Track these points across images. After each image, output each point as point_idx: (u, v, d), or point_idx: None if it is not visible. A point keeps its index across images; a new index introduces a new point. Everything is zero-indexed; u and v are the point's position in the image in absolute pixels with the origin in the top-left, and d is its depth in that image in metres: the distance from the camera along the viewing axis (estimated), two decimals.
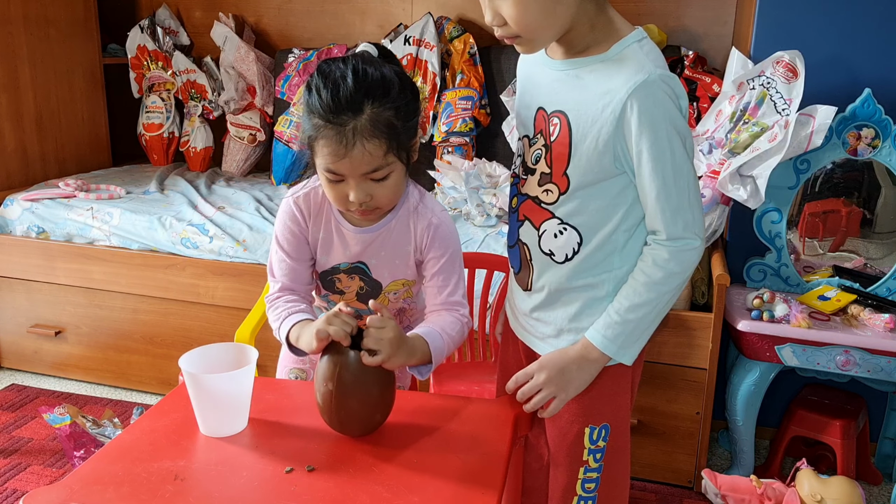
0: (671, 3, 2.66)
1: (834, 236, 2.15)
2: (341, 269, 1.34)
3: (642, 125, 1.02)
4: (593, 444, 1.20)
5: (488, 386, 1.81)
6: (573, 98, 1.08)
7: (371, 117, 1.13)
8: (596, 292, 1.15)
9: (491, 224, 2.31)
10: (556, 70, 1.11)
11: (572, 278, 1.15)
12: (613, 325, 1.12)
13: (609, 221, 1.11)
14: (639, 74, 1.01)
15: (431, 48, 2.76)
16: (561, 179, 1.10)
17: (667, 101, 1.02)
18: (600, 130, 1.05)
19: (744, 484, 1.86)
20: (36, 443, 2.27)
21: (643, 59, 1.04)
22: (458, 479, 1.04)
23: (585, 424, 1.19)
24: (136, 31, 3.19)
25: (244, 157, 3.15)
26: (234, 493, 1.01)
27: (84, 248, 2.52)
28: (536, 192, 1.15)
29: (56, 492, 1.00)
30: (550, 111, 1.11)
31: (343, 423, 1.12)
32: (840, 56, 2.05)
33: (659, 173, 1.04)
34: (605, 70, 1.05)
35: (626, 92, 1.01)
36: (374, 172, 1.17)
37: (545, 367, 1.15)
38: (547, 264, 1.16)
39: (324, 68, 1.16)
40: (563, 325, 1.17)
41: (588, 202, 1.10)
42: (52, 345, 2.66)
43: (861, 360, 1.86)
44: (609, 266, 1.14)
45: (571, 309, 1.16)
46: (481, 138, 2.80)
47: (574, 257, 1.13)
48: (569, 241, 1.13)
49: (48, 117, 2.97)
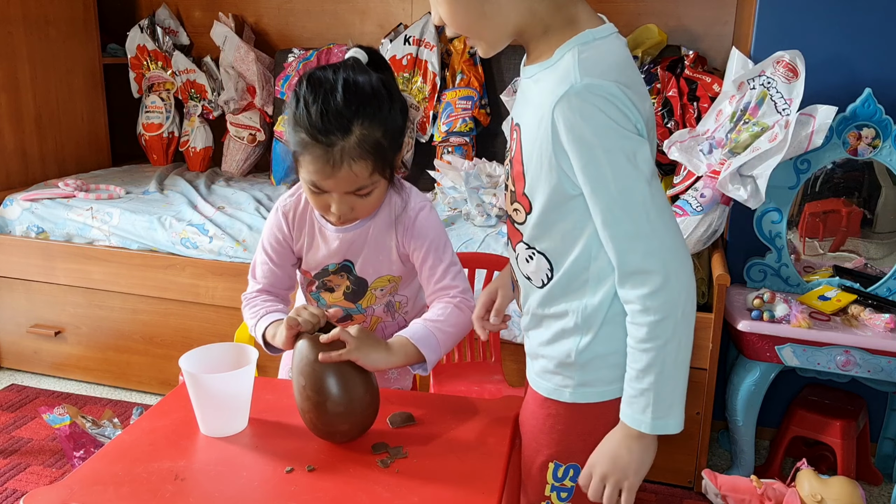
0: (671, 3, 2.66)
1: (834, 236, 2.15)
2: (330, 270, 1.35)
3: (572, 143, 0.91)
4: (558, 481, 1.10)
5: (488, 386, 1.81)
6: (525, 110, 0.99)
7: (359, 138, 1.11)
8: (564, 323, 1.03)
9: (491, 224, 2.31)
10: (524, 78, 1.01)
11: (544, 305, 1.05)
12: (635, 399, 0.97)
13: (575, 247, 0.99)
14: (561, 86, 0.90)
15: (431, 48, 2.76)
16: (523, 199, 1.01)
17: (597, 114, 0.88)
18: (542, 148, 0.94)
19: (744, 484, 1.86)
20: (35, 443, 2.26)
21: (572, 66, 0.90)
22: (459, 479, 1.04)
23: (550, 459, 1.09)
24: (135, 31, 3.19)
25: (244, 157, 3.15)
26: (234, 493, 1.01)
27: (84, 248, 2.52)
28: (510, 209, 1.06)
29: (56, 492, 1.00)
30: (514, 123, 1.02)
31: (320, 423, 1.10)
32: (840, 56, 2.05)
33: (601, 197, 0.92)
34: (546, 79, 0.94)
35: (550, 106, 0.90)
36: (358, 190, 1.17)
37: (597, 462, 1.01)
38: (528, 288, 1.08)
39: (312, 78, 1.13)
40: (538, 350, 1.09)
41: (551, 225, 0.99)
42: (52, 345, 2.66)
43: (861, 361, 1.85)
44: (580, 296, 1.01)
45: (546, 334, 1.06)
46: (481, 138, 2.80)
47: (548, 283, 1.03)
48: (539, 266, 1.03)
49: (48, 117, 2.97)
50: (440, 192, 2.54)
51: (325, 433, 1.11)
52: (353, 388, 1.09)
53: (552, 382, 1.07)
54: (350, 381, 1.09)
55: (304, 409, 1.10)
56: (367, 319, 1.41)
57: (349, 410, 1.09)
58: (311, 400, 1.08)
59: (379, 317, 1.42)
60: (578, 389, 1.05)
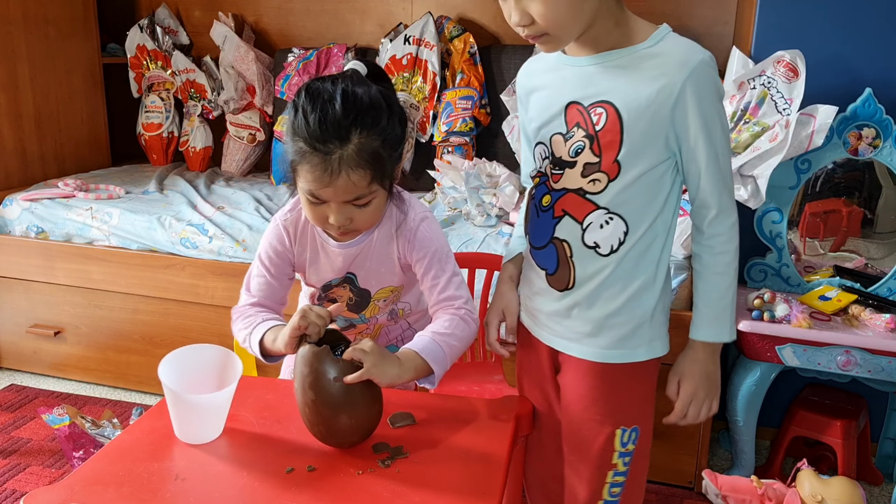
0: (671, 3, 2.66)
1: (835, 236, 2.15)
2: (333, 284, 1.35)
3: (700, 105, 1.06)
4: (623, 446, 1.20)
5: (488, 386, 1.81)
6: (618, 86, 1.10)
7: (358, 147, 1.11)
8: (641, 281, 1.15)
9: (491, 224, 2.31)
10: (588, 65, 1.13)
11: (618, 270, 1.15)
12: (719, 316, 1.16)
13: (652, 209, 1.13)
14: (694, 56, 1.07)
15: (431, 48, 2.76)
16: (612, 167, 1.11)
17: (717, 81, 1.09)
18: (654, 114, 1.07)
19: (744, 484, 1.86)
20: (35, 443, 2.26)
21: (689, 44, 1.09)
22: (459, 480, 1.04)
23: (617, 426, 1.19)
24: (135, 31, 3.19)
25: (244, 157, 3.15)
26: (234, 493, 1.01)
27: (83, 248, 2.51)
28: (580, 183, 1.14)
29: (57, 492, 1.00)
30: (589, 103, 1.12)
31: (329, 434, 1.10)
32: (841, 56, 2.05)
33: (713, 149, 1.09)
34: (651, 57, 1.09)
35: (686, 73, 1.05)
36: (356, 200, 1.17)
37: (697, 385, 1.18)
38: (590, 259, 1.15)
39: (311, 88, 1.13)
40: (605, 321, 1.17)
41: (635, 189, 1.11)
42: (52, 345, 2.65)
43: (862, 361, 1.85)
44: (654, 256, 1.15)
45: (616, 303, 1.16)
46: (481, 138, 2.79)
47: (619, 248, 1.13)
48: (615, 230, 1.13)
49: (47, 117, 2.96)
50: (440, 191, 2.54)
51: (334, 443, 1.11)
52: (366, 404, 1.09)
53: (625, 349, 1.18)
54: (363, 397, 1.09)
55: (314, 422, 1.09)
56: (370, 328, 1.41)
57: (360, 424, 1.10)
58: (322, 415, 1.08)
59: (382, 324, 1.42)
60: (651, 344, 1.19)
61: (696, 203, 1.15)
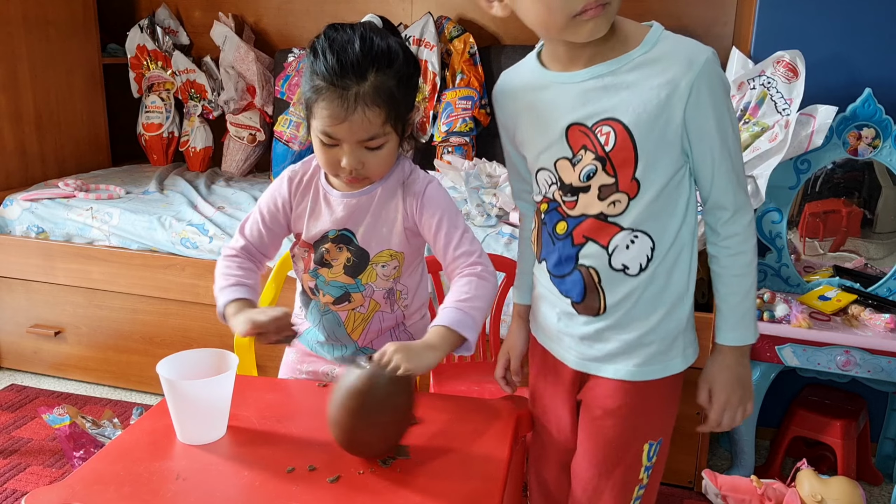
0: (671, 3, 2.66)
1: (834, 236, 2.15)
2: (329, 237, 1.33)
3: (712, 103, 1.03)
4: (649, 460, 1.18)
5: (488, 386, 1.80)
6: (622, 101, 1.04)
7: (374, 84, 1.14)
8: (674, 294, 1.11)
9: (491, 224, 2.31)
10: (582, 81, 1.06)
11: (651, 288, 1.10)
12: (743, 318, 1.12)
13: (675, 218, 1.09)
14: (699, 54, 1.02)
15: (431, 48, 2.76)
16: (630, 185, 1.06)
17: (724, 76, 1.05)
18: (667, 121, 1.03)
19: (744, 484, 1.86)
20: (35, 443, 2.26)
21: (689, 42, 1.05)
22: (459, 480, 1.04)
23: (645, 441, 1.17)
24: (135, 31, 3.19)
25: (244, 157, 3.15)
26: (235, 493, 1.01)
27: (83, 248, 2.52)
28: (599, 207, 1.08)
29: (57, 492, 1.00)
30: (593, 123, 1.06)
31: (360, 446, 1.09)
32: (840, 56, 2.05)
33: (727, 147, 1.06)
34: (651, 64, 1.03)
35: (695, 74, 1.01)
36: (370, 140, 1.18)
37: (731, 392, 1.14)
38: (620, 281, 1.10)
39: (330, 33, 1.17)
40: (639, 341, 1.12)
41: (656, 202, 1.07)
42: (52, 345, 2.65)
43: (861, 361, 1.85)
44: (684, 265, 1.12)
45: (650, 321, 1.11)
46: (481, 138, 2.80)
47: (648, 265, 1.09)
48: (642, 248, 1.08)
49: (47, 117, 2.97)
50: None
51: (366, 454, 1.10)
52: (405, 414, 1.10)
53: (660, 363, 1.14)
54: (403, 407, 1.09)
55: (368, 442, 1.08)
56: (365, 302, 1.37)
57: (397, 431, 1.10)
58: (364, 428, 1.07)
59: (378, 303, 1.38)
60: (686, 352, 1.16)
61: (710, 203, 1.10)
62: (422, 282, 1.42)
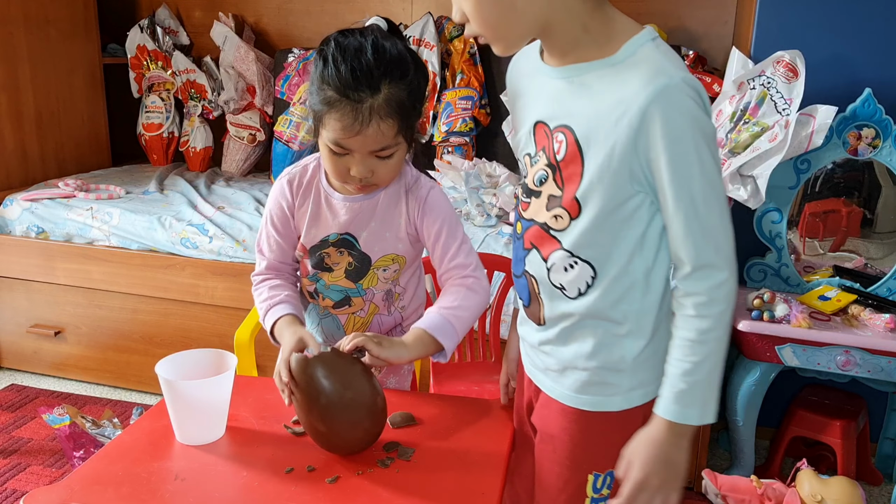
0: (671, 3, 2.66)
1: (834, 236, 2.15)
2: (330, 241, 1.32)
3: (666, 137, 0.88)
4: (597, 492, 1.07)
5: (488, 386, 1.81)
6: (580, 109, 0.94)
7: (387, 97, 1.13)
8: (616, 330, 1.01)
9: (491, 224, 2.31)
10: (556, 78, 0.98)
11: (587, 315, 1.01)
12: (684, 394, 0.95)
13: (624, 251, 0.97)
14: (659, 78, 0.88)
15: (431, 48, 2.76)
16: (572, 204, 0.96)
17: (693, 108, 0.88)
18: (614, 146, 0.91)
19: (744, 484, 1.86)
20: (35, 443, 2.26)
21: (661, 60, 0.90)
22: (459, 479, 1.04)
23: (589, 472, 1.06)
24: (135, 31, 3.19)
25: (244, 157, 3.15)
26: (234, 493, 1.01)
27: (84, 248, 2.52)
28: (545, 217, 1.00)
29: (57, 492, 1.00)
30: (553, 126, 0.98)
31: (332, 444, 1.10)
32: (840, 56, 2.05)
33: (686, 192, 0.90)
34: (616, 75, 0.91)
35: (646, 99, 0.87)
36: (381, 150, 1.18)
37: (651, 472, 0.96)
38: (558, 299, 1.02)
39: (341, 40, 1.15)
40: (573, 363, 1.04)
41: (599, 230, 0.96)
42: (52, 345, 2.66)
43: (861, 361, 1.85)
44: (631, 301, 0.99)
45: (585, 346, 1.02)
46: (481, 138, 2.80)
47: (588, 291, 0.99)
48: (580, 275, 0.99)
49: (48, 117, 2.97)
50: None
51: (343, 451, 1.11)
52: (374, 410, 1.09)
53: (597, 395, 1.04)
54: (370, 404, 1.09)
55: (320, 432, 1.09)
56: (365, 305, 1.38)
57: (370, 430, 1.09)
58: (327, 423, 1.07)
59: (377, 306, 1.39)
60: (630, 393, 1.03)
61: (671, 252, 0.96)
62: (419, 283, 1.42)
